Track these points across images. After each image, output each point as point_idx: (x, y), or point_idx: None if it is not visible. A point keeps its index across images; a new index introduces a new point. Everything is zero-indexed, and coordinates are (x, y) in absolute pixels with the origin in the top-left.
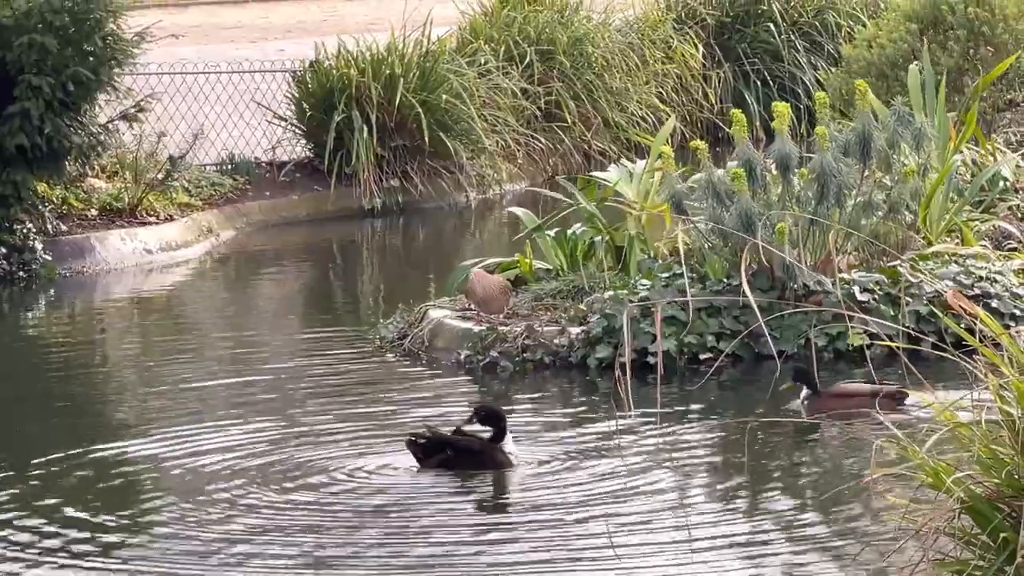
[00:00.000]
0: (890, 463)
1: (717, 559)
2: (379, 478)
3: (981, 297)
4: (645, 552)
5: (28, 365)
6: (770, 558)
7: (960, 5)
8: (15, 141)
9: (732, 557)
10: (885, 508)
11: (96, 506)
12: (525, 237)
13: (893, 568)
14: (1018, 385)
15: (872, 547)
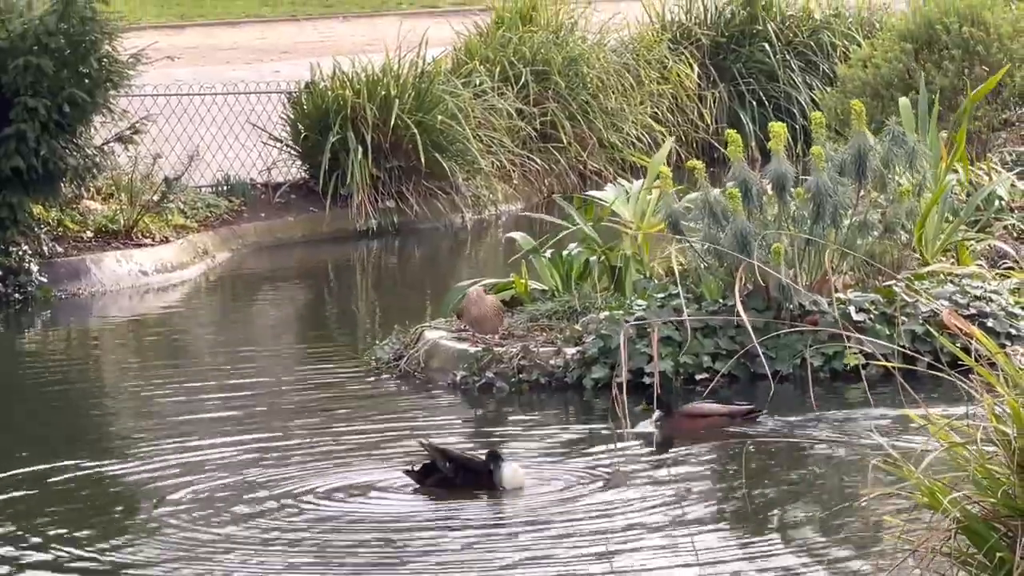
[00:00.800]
0: (887, 482)
1: None
2: (371, 500)
3: (977, 316)
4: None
5: (20, 386)
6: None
7: (955, 25)
8: (11, 163)
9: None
10: (882, 528)
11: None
12: (521, 258)
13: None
14: (1013, 405)
15: (869, 567)
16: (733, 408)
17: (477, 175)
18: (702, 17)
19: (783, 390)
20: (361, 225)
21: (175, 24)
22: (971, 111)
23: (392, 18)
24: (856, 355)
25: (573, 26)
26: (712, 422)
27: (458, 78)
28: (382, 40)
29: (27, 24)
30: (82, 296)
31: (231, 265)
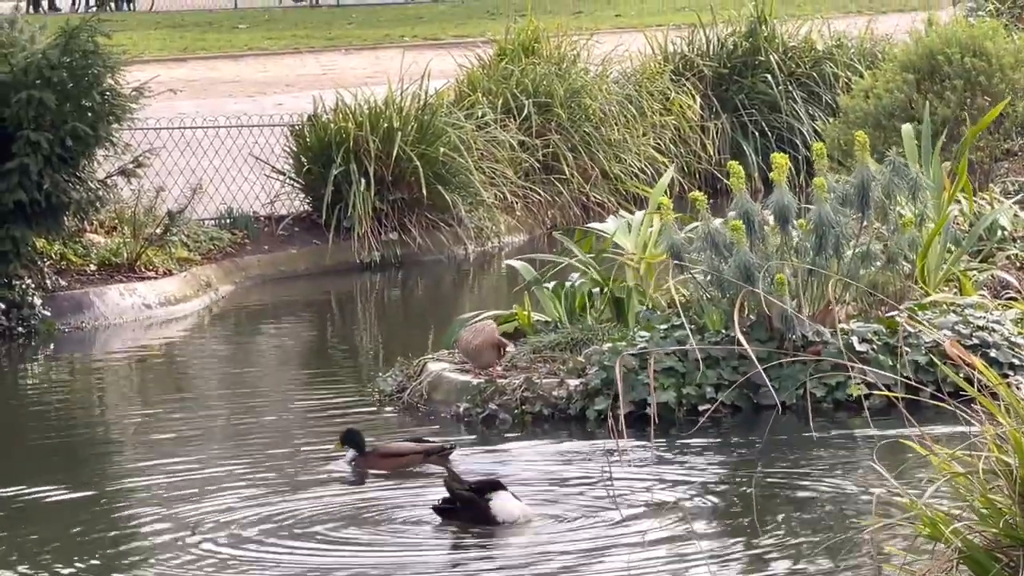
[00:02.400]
0: (889, 513)
1: None
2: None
3: (979, 347)
4: None
5: (20, 418)
6: None
7: (956, 55)
8: (14, 197)
9: None
10: (885, 558)
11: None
12: (523, 289)
13: None
14: (1015, 435)
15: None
16: (427, 446)
17: (480, 207)
18: (704, 49)
19: (786, 420)
20: (364, 257)
21: (178, 57)
22: (973, 141)
23: (394, 50)
24: (859, 385)
25: (575, 58)
26: (406, 461)
27: (461, 110)
28: (384, 72)
29: (30, 58)
30: (85, 329)
31: (234, 298)
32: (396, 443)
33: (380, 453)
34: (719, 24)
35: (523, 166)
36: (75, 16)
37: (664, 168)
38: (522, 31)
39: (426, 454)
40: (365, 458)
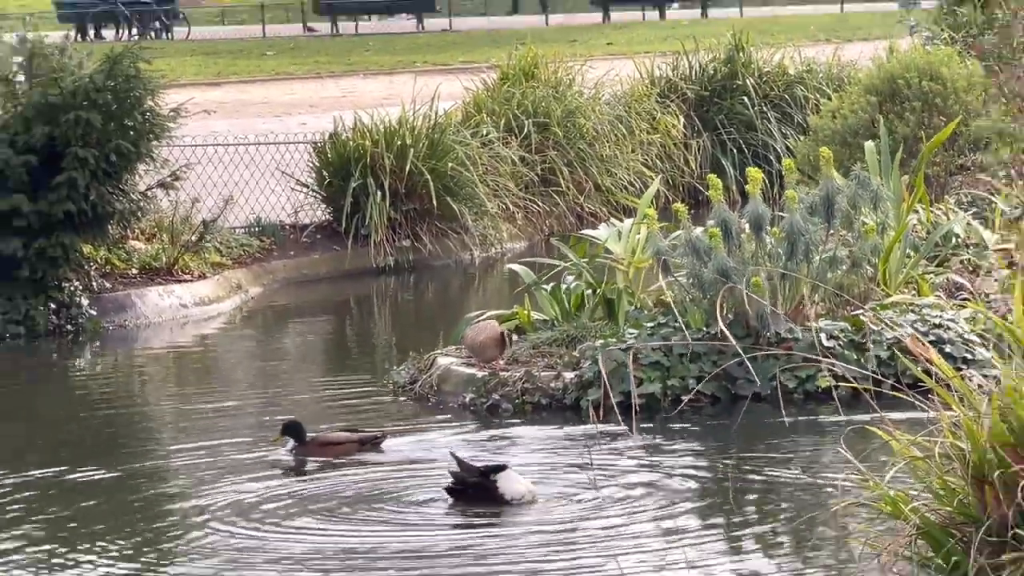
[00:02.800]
0: (855, 494)
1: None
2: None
3: (936, 343)
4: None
5: (70, 406)
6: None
7: (915, 79)
8: (63, 207)
9: (707, 571)
10: (850, 534)
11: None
12: (523, 291)
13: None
14: (968, 423)
15: (838, 570)
16: (362, 435)
17: (484, 216)
18: (687, 73)
19: (760, 408)
20: (380, 262)
21: (212, 81)
22: (930, 157)
23: (407, 75)
24: (827, 378)
25: (571, 82)
26: (343, 449)
27: (467, 129)
28: (398, 95)
29: (78, 82)
30: (128, 327)
31: (262, 299)
32: (334, 433)
33: (319, 442)
34: (701, 51)
35: (523, 179)
36: (119, 44)
37: (651, 181)
38: (523, 58)
39: (361, 442)
40: (305, 447)
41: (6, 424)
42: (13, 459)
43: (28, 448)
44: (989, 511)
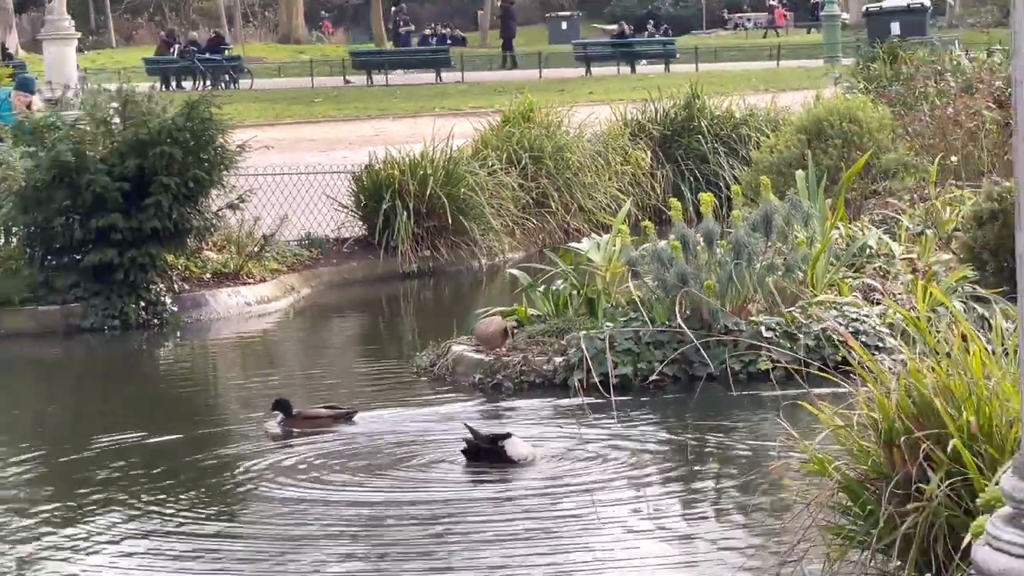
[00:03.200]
0: (789, 456)
1: (659, 524)
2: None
3: (853, 333)
4: (614, 518)
5: (155, 384)
6: (700, 524)
7: (836, 121)
8: (151, 224)
9: (671, 521)
10: (785, 488)
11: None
12: (522, 292)
13: (790, 531)
14: (880, 398)
15: (774, 516)
16: (336, 412)
17: (490, 232)
18: (653, 116)
19: (712, 387)
20: (405, 268)
21: (270, 122)
22: (848, 184)
23: (428, 118)
24: (766, 361)
25: (559, 123)
26: (321, 422)
27: (476, 161)
28: (420, 134)
29: (163, 123)
30: (202, 321)
31: (311, 298)
32: (314, 409)
33: (302, 416)
34: (664, 99)
35: (521, 202)
36: (195, 93)
37: (624, 203)
38: (521, 104)
39: (335, 417)
40: (291, 420)
41: (105, 398)
42: (112, 426)
43: (123, 416)
44: (897, 469)
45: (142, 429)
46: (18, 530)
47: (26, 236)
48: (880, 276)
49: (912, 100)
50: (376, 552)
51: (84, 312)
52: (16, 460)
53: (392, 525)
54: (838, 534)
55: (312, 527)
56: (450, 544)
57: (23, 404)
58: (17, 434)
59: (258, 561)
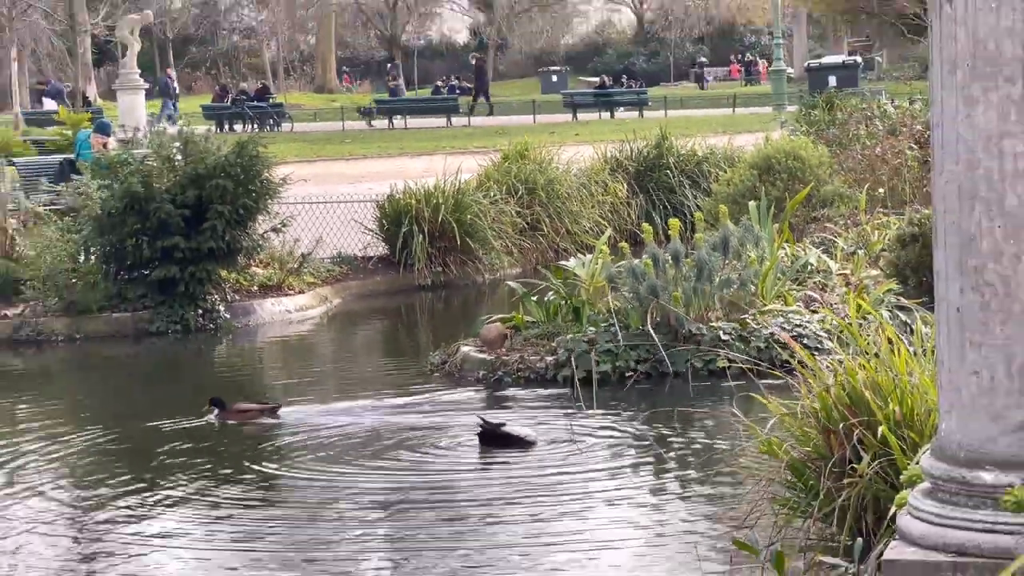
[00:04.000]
0: (744, 439)
1: (634, 493)
2: (436, 456)
3: (797, 337)
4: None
5: (212, 377)
6: (667, 495)
7: (783, 158)
8: (208, 244)
9: (644, 493)
10: (740, 465)
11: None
12: (518, 301)
13: (745, 502)
14: (820, 392)
15: (732, 488)
16: (263, 406)
17: (491, 251)
18: (629, 154)
19: (678, 381)
20: (421, 282)
21: (307, 159)
22: (793, 211)
23: (440, 156)
24: (723, 360)
25: (551, 160)
26: (251, 415)
27: (480, 192)
28: (434, 169)
29: (218, 160)
30: (251, 326)
31: (341, 307)
32: (245, 404)
33: (234, 410)
34: (638, 140)
35: (518, 226)
36: (244, 135)
37: (604, 228)
38: (518, 144)
39: (261, 411)
40: (226, 413)
41: (172, 387)
42: (177, 410)
43: (185, 402)
44: (834, 451)
45: (199, 413)
46: (92, 496)
47: (102, 255)
48: (819, 289)
49: (846, 141)
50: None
51: (151, 318)
52: (94, 437)
53: (419, 489)
54: (785, 505)
55: (352, 481)
56: (464, 494)
57: (101, 393)
58: (96, 417)
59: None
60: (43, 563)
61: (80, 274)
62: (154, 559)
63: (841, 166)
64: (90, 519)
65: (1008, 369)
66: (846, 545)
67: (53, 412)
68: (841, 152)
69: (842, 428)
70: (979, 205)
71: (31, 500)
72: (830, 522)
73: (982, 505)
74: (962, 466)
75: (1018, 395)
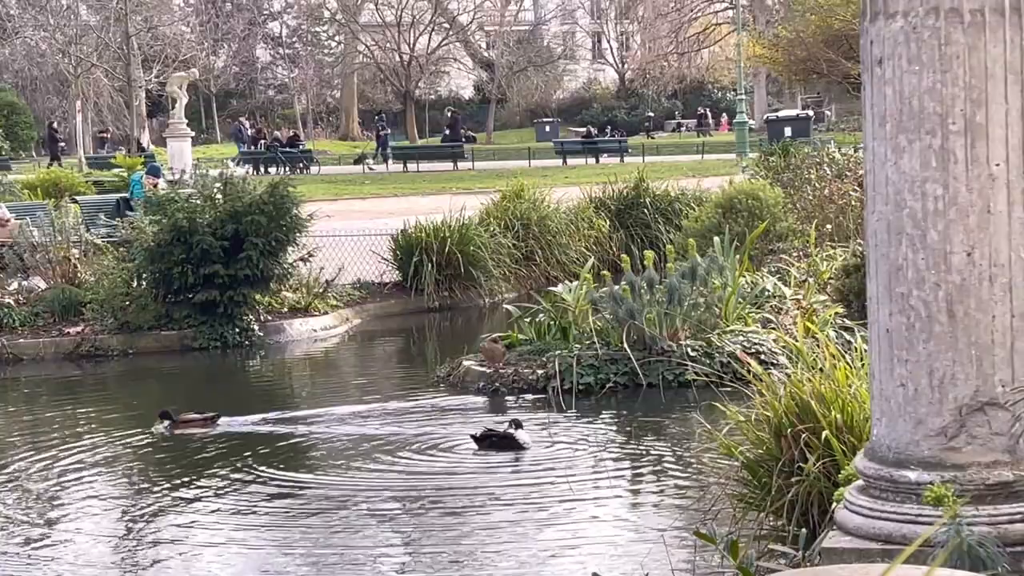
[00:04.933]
0: (706, 441)
1: (612, 489)
2: (434, 458)
3: (754, 354)
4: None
5: (247, 386)
6: (640, 491)
7: (744, 199)
8: (244, 272)
9: (620, 489)
10: (703, 464)
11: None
12: (514, 321)
13: (707, 498)
14: (772, 400)
15: (696, 483)
16: (205, 416)
17: (491, 278)
18: (611, 194)
19: (651, 392)
20: (430, 305)
21: (331, 198)
22: (752, 245)
23: (447, 195)
24: (691, 374)
25: (543, 199)
26: (196, 425)
27: (481, 227)
28: (442, 207)
29: (253, 198)
30: (282, 343)
31: (361, 327)
32: (190, 415)
33: (181, 421)
34: (620, 182)
35: (514, 256)
36: (276, 176)
37: (589, 258)
38: (515, 185)
39: (205, 420)
40: (174, 424)
41: (213, 395)
42: None
43: (223, 407)
44: (784, 453)
45: (241, 414)
46: (142, 489)
47: (152, 280)
48: (775, 312)
49: (799, 184)
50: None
51: (195, 336)
52: (144, 436)
53: (427, 484)
54: (741, 500)
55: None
56: (463, 488)
57: (151, 400)
58: (146, 420)
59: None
60: (90, 544)
61: (133, 297)
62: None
63: (794, 205)
64: (136, 509)
65: (930, 382)
66: (795, 535)
67: (109, 416)
68: (795, 193)
69: (791, 433)
70: (905, 240)
71: (83, 490)
72: (781, 515)
73: (908, 500)
74: (891, 466)
75: (938, 404)
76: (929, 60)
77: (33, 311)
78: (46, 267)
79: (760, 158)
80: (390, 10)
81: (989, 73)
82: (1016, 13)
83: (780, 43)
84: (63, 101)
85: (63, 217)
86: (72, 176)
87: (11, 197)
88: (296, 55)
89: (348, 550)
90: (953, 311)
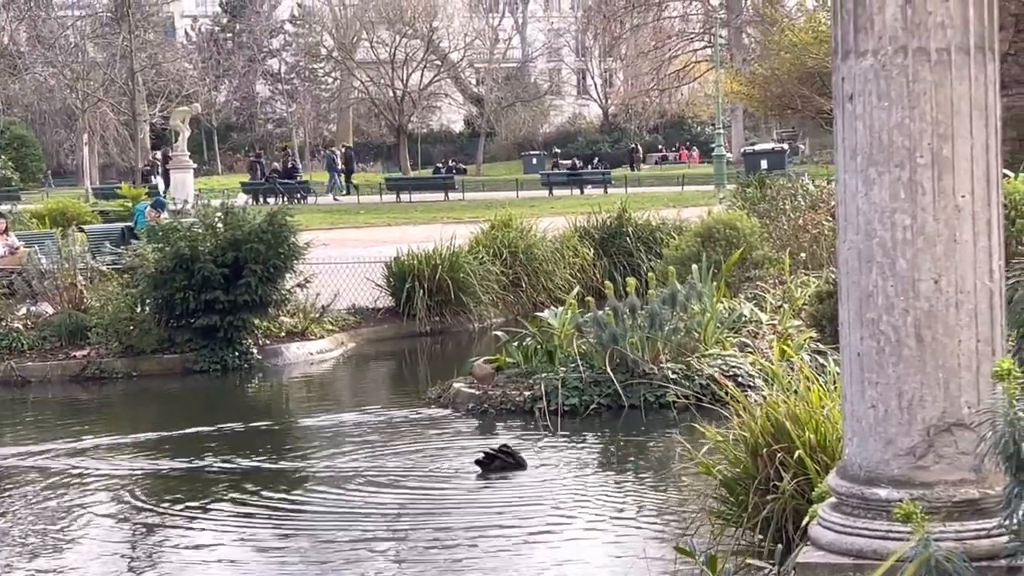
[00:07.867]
0: (685, 461)
1: (596, 505)
2: (433, 479)
3: (732, 376)
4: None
5: (246, 406)
6: (623, 506)
7: (722, 228)
8: (243, 297)
9: (603, 504)
10: (683, 482)
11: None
12: (502, 345)
13: (686, 514)
14: (748, 422)
15: (677, 500)
16: None
17: (480, 304)
18: (596, 224)
19: (633, 413)
20: (421, 329)
21: (327, 227)
22: (729, 271)
23: (438, 224)
24: (672, 395)
25: (530, 228)
26: None
27: (471, 255)
28: (433, 236)
29: (252, 227)
30: (280, 366)
31: (355, 350)
32: None
33: None
34: (603, 212)
35: (502, 283)
36: (275, 206)
37: (574, 285)
38: (503, 215)
39: None
40: None
41: (216, 414)
42: (218, 436)
43: (224, 425)
44: (760, 471)
45: (239, 428)
46: (147, 503)
47: (155, 306)
48: (752, 336)
49: (775, 214)
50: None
51: (196, 359)
52: (147, 454)
53: (424, 501)
54: (719, 516)
55: (367, 496)
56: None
57: (153, 420)
58: (153, 439)
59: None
60: (99, 548)
61: (137, 322)
62: None
63: (770, 235)
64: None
65: (899, 403)
66: (770, 550)
67: (113, 435)
68: (770, 223)
69: (767, 452)
70: (875, 268)
71: (91, 500)
72: (757, 531)
73: (878, 517)
74: (862, 484)
75: (907, 425)
76: (898, 96)
77: (41, 335)
78: (54, 293)
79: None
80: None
81: (955, 109)
82: (980, 52)
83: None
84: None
85: (70, 245)
86: (79, 206)
87: (20, 226)
88: (294, 90)
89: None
90: (921, 336)
